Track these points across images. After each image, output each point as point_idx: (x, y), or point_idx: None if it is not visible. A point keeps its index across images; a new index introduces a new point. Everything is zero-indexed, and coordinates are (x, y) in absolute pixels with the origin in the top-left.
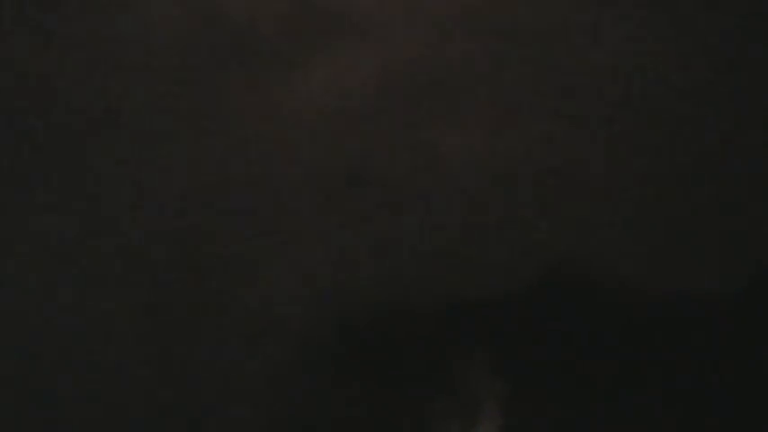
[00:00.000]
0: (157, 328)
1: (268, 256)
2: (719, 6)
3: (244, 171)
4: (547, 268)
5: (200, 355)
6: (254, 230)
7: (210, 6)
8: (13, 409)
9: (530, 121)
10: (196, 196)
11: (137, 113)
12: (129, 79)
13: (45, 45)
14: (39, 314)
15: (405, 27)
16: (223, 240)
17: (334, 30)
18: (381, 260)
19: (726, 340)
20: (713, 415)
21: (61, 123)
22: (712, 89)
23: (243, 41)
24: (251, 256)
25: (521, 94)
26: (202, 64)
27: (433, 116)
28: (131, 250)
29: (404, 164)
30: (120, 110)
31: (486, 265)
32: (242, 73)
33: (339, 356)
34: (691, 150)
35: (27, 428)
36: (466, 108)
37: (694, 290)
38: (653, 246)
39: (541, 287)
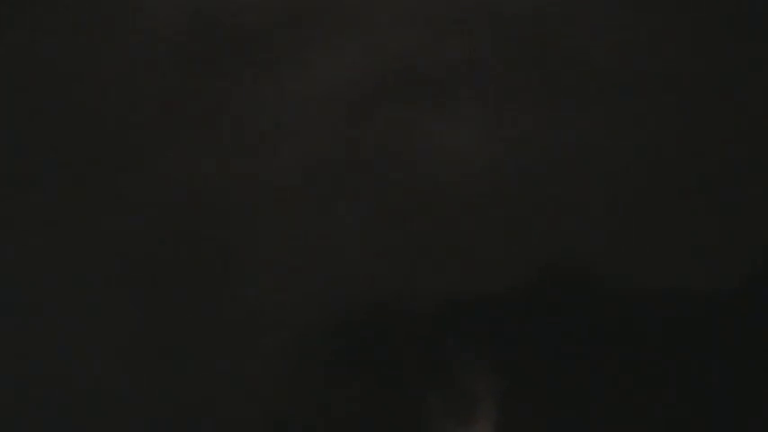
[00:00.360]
0: (157, 328)
1: (267, 256)
2: (718, 5)
3: (242, 171)
4: (545, 267)
5: (199, 355)
6: (254, 230)
7: (208, 6)
8: (13, 409)
9: (527, 120)
10: (195, 195)
11: (136, 113)
12: (128, 80)
13: (46, 46)
14: (38, 313)
15: (401, 26)
16: (222, 240)
17: (330, 28)
18: (380, 260)
19: (725, 339)
20: (713, 415)
21: (61, 123)
22: (712, 89)
23: (239, 40)
24: (250, 255)
25: (518, 93)
26: (199, 63)
27: (430, 114)
28: (131, 249)
29: (400, 162)
30: (120, 109)
31: (484, 263)
32: (239, 72)
33: (338, 356)
34: (690, 150)
35: (27, 428)
36: (463, 106)
37: (693, 289)
38: (651, 245)
39: (540, 286)
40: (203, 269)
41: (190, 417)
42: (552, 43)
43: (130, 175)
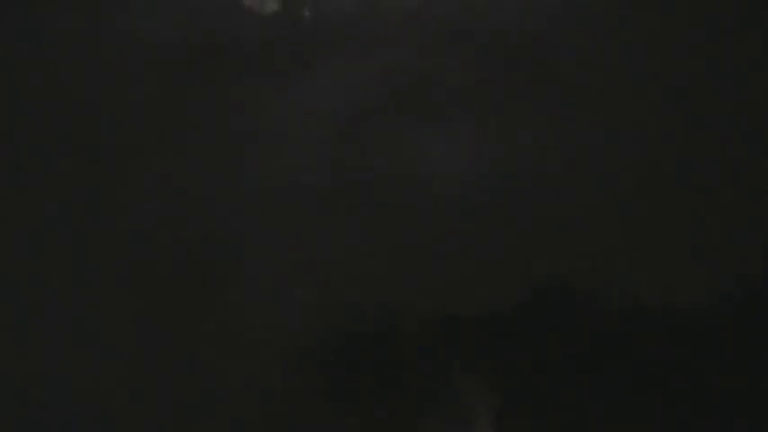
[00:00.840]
0: (157, 328)
1: (267, 260)
2: (716, 7)
3: (242, 176)
4: (543, 279)
5: (199, 357)
6: (253, 235)
7: (208, 9)
8: (12, 409)
9: (524, 131)
10: (196, 200)
11: (136, 115)
12: (127, 82)
13: (46, 45)
14: (39, 314)
15: (400, 36)
16: (222, 244)
17: (331, 40)
18: (380, 265)
19: (725, 340)
20: (713, 416)
21: (61, 124)
22: (712, 89)
23: (240, 45)
24: (250, 259)
25: (513, 104)
26: (199, 65)
27: (429, 123)
28: (132, 253)
29: (400, 171)
30: (120, 111)
31: (482, 271)
32: (238, 83)
33: (336, 364)
34: (690, 150)
35: (27, 428)
36: (462, 111)
37: (693, 290)
38: (651, 246)
39: (540, 291)
40: (204, 270)
41: (190, 417)
42: (552, 45)
43: (130, 177)
